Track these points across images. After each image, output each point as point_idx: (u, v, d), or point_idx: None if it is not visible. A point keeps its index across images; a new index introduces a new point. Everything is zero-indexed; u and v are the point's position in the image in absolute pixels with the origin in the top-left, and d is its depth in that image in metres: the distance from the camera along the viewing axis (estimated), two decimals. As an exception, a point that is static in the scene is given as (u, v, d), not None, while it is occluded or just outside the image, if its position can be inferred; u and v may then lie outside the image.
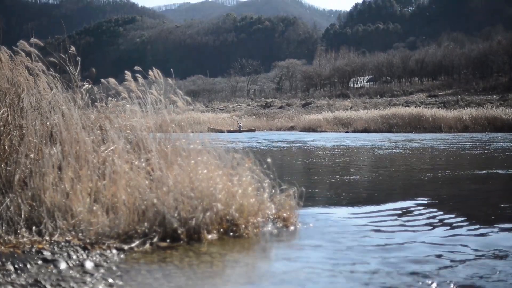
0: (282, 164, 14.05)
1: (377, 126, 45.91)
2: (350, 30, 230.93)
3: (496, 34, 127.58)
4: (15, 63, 5.47)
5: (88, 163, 4.64)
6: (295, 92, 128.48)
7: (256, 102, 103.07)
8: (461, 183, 9.24)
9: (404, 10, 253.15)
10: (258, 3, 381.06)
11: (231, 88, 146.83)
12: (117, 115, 5.79)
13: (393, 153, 17.83)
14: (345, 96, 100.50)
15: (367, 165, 14.12)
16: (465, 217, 5.86)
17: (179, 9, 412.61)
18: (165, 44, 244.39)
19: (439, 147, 20.49)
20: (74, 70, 5.62)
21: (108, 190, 4.48)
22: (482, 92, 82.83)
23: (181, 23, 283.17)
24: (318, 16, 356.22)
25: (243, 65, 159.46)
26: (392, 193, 7.98)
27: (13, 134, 4.96)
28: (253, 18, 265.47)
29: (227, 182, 4.70)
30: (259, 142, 27.03)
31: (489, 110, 45.72)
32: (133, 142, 5.37)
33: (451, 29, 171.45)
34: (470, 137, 30.98)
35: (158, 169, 4.69)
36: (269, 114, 73.27)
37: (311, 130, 50.81)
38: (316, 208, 6.43)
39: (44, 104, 5.26)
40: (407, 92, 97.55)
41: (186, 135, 5.37)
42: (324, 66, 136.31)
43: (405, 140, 27.93)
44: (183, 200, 4.39)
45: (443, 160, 14.81)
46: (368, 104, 74.35)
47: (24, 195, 4.39)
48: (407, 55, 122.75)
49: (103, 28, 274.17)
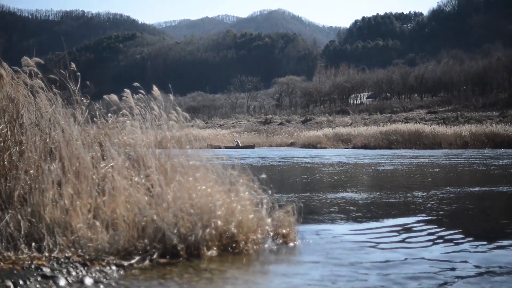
0: (281, 180, 14.05)
1: (377, 142, 45.90)
2: (350, 47, 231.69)
3: (495, 51, 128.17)
4: (16, 79, 5.48)
5: (88, 179, 4.64)
6: (295, 109, 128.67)
7: (256, 119, 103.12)
8: (461, 199, 9.23)
9: (404, 27, 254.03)
10: (258, 20, 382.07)
11: (231, 104, 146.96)
12: (117, 131, 5.79)
13: (393, 169, 17.82)
14: (345, 112, 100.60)
15: (367, 181, 14.12)
16: (465, 233, 5.86)
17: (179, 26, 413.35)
18: (165, 60, 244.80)
19: (439, 163, 20.48)
20: (74, 87, 5.63)
21: (107, 206, 4.48)
22: (481, 108, 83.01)
23: (181, 40, 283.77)
24: (318, 32, 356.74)
25: (243, 82, 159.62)
26: (392, 210, 7.97)
27: (12, 150, 4.96)
28: (253, 35, 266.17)
29: (226, 199, 4.70)
30: (260, 158, 27.03)
31: (489, 126, 45.74)
32: (132, 158, 5.37)
33: (450, 45, 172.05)
34: (470, 153, 30.99)
35: (158, 185, 4.69)
36: (269, 131, 73.23)
37: (311, 146, 50.80)
38: (316, 225, 6.42)
39: (44, 120, 5.27)
40: (406, 109, 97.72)
41: (185, 151, 5.37)
42: (324, 83, 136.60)
43: (404, 156, 27.93)
44: (183, 216, 4.39)
45: (443, 177, 14.81)
46: (368, 121, 74.46)
47: (23, 211, 4.39)
48: (406, 71, 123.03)
49: (104, 44, 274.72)
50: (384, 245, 5.25)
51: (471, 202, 8.91)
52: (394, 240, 5.55)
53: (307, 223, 6.23)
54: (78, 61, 6.25)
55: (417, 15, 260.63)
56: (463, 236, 5.71)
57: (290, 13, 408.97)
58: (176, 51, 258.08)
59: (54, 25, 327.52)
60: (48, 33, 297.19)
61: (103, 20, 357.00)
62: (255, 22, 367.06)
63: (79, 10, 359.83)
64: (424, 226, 6.40)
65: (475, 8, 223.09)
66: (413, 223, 6.64)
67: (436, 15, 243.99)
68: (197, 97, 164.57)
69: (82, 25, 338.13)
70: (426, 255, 4.80)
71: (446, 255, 4.83)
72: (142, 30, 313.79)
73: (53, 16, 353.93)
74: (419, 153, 31.92)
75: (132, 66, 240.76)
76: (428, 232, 5.97)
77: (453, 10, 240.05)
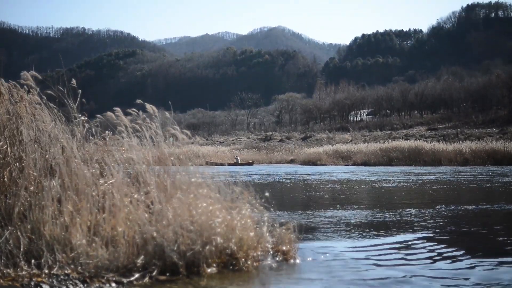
0: (282, 197, 14.04)
1: (377, 159, 45.90)
2: (350, 64, 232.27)
3: (495, 68, 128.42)
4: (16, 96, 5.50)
5: (88, 196, 4.64)
6: (295, 125, 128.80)
7: (256, 135, 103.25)
8: (461, 217, 9.22)
9: (403, 44, 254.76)
10: (258, 37, 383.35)
11: (231, 121, 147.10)
12: (116, 148, 5.79)
13: (393, 186, 17.81)
14: (345, 129, 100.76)
15: (367, 198, 14.10)
16: (465, 250, 5.84)
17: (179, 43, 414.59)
18: (165, 78, 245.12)
19: (439, 180, 20.47)
20: (73, 103, 5.64)
21: (107, 223, 4.48)
22: (481, 125, 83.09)
23: (181, 57, 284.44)
24: (318, 50, 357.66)
25: (243, 99, 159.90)
26: (392, 227, 7.95)
27: (12, 166, 4.96)
28: (253, 52, 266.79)
29: (227, 216, 4.70)
30: (260, 175, 27.02)
31: (489, 143, 45.71)
32: (132, 175, 5.37)
33: (450, 62, 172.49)
34: (470, 170, 30.96)
35: (158, 202, 4.69)
36: (269, 147, 73.30)
37: (311, 163, 50.80)
38: (316, 242, 6.41)
39: (44, 137, 5.28)
40: (406, 125, 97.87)
41: (186, 168, 5.37)
42: (323, 100, 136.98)
43: (405, 173, 27.91)
44: (183, 233, 4.38)
45: (443, 194, 14.79)
46: (368, 137, 74.55)
47: (23, 228, 4.39)
48: (406, 88, 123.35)
49: (104, 61, 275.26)
50: (384, 262, 5.23)
51: (471, 220, 8.90)
52: (394, 257, 5.53)
53: (307, 240, 6.23)
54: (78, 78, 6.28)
55: (416, 32, 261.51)
56: (464, 253, 5.70)
57: (290, 30, 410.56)
58: (176, 68, 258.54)
59: (54, 42, 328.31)
60: (48, 50, 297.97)
61: (103, 37, 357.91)
62: (255, 39, 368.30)
63: (79, 27, 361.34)
64: (424, 243, 6.38)
65: (474, 25, 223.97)
66: (413, 240, 6.63)
67: (435, 32, 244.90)
68: (197, 114, 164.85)
69: (82, 42, 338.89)
70: (426, 273, 4.79)
71: (446, 272, 4.81)
72: (143, 47, 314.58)
73: (53, 33, 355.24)
74: (419, 170, 31.89)
75: (132, 83, 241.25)
76: (428, 249, 5.96)
77: (452, 27, 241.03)
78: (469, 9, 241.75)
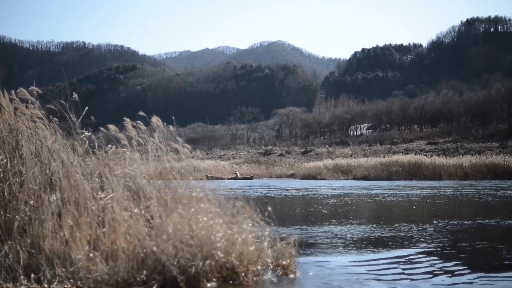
0: (282, 212, 14.01)
1: (377, 173, 45.80)
2: (350, 78, 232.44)
3: (494, 82, 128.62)
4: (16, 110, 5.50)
5: (88, 210, 4.63)
6: (294, 140, 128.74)
7: (256, 150, 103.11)
8: (461, 231, 9.21)
9: (403, 58, 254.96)
10: (258, 51, 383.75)
11: (231, 135, 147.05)
12: (116, 162, 5.79)
13: (393, 200, 17.80)
14: (345, 143, 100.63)
15: (367, 212, 14.09)
16: (466, 265, 5.83)
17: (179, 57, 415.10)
18: (165, 92, 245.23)
19: (440, 195, 20.45)
20: (74, 118, 5.64)
21: (107, 237, 4.47)
22: (481, 139, 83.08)
23: (182, 71, 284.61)
24: (318, 64, 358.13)
25: (243, 113, 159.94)
26: (392, 241, 7.94)
27: (12, 181, 4.96)
28: (253, 66, 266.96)
29: (227, 230, 4.69)
30: (261, 190, 26.99)
31: (489, 157, 45.65)
32: (132, 189, 5.36)
33: (449, 77, 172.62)
34: (470, 184, 30.93)
35: (158, 216, 4.68)
36: (269, 162, 73.12)
37: (311, 177, 50.69)
38: (316, 256, 6.40)
39: (44, 151, 5.28)
40: (406, 140, 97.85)
41: (186, 182, 5.37)
42: (323, 114, 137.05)
43: (405, 187, 27.88)
44: (183, 248, 4.38)
45: (443, 208, 14.78)
46: (368, 152, 74.44)
47: (23, 242, 4.38)
48: (406, 102, 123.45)
49: (104, 75, 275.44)
50: (385, 277, 5.22)
51: (471, 234, 8.89)
52: (394, 271, 5.52)
53: (307, 255, 6.21)
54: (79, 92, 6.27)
55: (416, 46, 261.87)
56: (464, 267, 5.69)
57: (290, 45, 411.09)
58: (176, 82, 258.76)
59: (55, 56, 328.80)
60: (49, 64, 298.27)
61: (103, 52, 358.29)
62: (255, 54, 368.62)
63: (80, 42, 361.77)
64: (424, 257, 6.37)
65: (474, 40, 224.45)
66: (413, 254, 6.62)
67: (435, 46, 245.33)
68: (197, 128, 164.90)
69: (83, 56, 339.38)
70: (426, 287, 4.77)
71: (446, 287, 4.80)
72: (143, 61, 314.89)
73: (54, 47, 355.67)
74: (419, 184, 31.85)
75: (132, 97, 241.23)
76: (429, 264, 5.95)
77: (452, 41, 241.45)
78: (468, 24, 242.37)
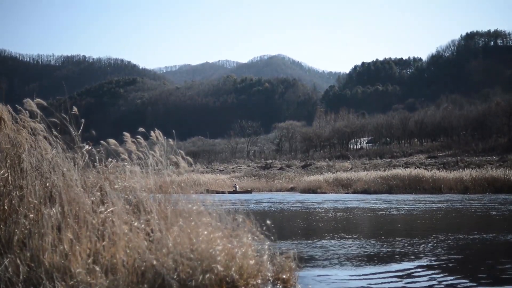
0: (283, 225, 14.00)
1: (377, 187, 45.76)
2: (350, 92, 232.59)
3: (494, 96, 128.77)
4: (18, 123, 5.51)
5: (88, 224, 4.63)
6: (295, 153, 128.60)
7: (256, 163, 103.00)
8: (461, 245, 9.20)
9: (403, 72, 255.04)
10: (258, 65, 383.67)
11: (231, 149, 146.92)
12: (117, 176, 5.79)
13: (393, 214, 17.77)
14: (345, 157, 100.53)
15: (367, 226, 14.07)
16: (466, 279, 5.82)
17: (179, 71, 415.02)
18: (165, 105, 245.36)
19: (440, 208, 20.42)
20: (75, 131, 5.64)
21: (107, 251, 4.46)
22: (481, 153, 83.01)
23: (182, 85, 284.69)
24: (318, 78, 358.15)
25: (243, 127, 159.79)
26: (393, 255, 7.92)
27: (13, 194, 4.96)
28: (253, 80, 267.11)
29: (227, 244, 4.69)
30: (258, 204, 26.96)
31: (489, 171, 45.60)
32: (132, 203, 5.36)
33: (449, 90, 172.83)
34: (470, 198, 30.88)
35: (158, 230, 4.68)
36: (269, 175, 73.01)
37: (311, 191, 50.61)
38: (317, 270, 6.39)
39: (45, 164, 5.28)
40: (406, 153, 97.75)
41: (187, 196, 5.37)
42: (323, 128, 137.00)
43: (405, 201, 27.85)
44: (183, 261, 4.37)
45: (443, 222, 14.76)
46: (368, 165, 74.35)
47: (23, 255, 4.37)
48: (406, 116, 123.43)
49: (104, 89, 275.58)
50: (385, 291, 5.21)
51: (471, 248, 8.87)
52: (395, 285, 5.51)
53: (308, 268, 6.20)
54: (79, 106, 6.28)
55: (416, 60, 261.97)
56: (464, 281, 5.68)
57: (290, 59, 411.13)
58: (176, 96, 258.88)
59: (55, 70, 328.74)
60: (49, 77, 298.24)
61: (104, 65, 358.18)
62: (255, 67, 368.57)
63: (80, 55, 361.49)
64: (424, 271, 6.36)
65: (473, 54, 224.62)
66: (414, 268, 6.61)
67: (435, 60, 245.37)
68: (197, 142, 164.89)
69: (83, 70, 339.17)
70: (427, 301, 4.77)
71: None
72: (143, 75, 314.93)
73: (54, 61, 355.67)
74: (420, 198, 31.80)
75: (132, 110, 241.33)
76: (429, 278, 5.93)
77: (452, 55, 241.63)
78: (468, 38, 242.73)
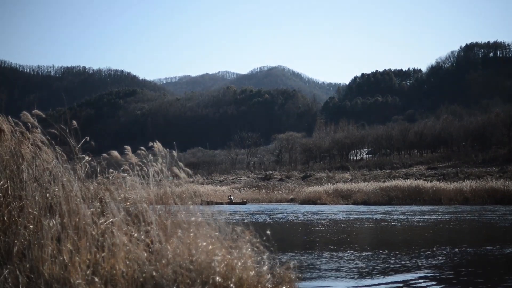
0: (282, 236, 13.98)
1: (377, 198, 45.73)
2: (349, 103, 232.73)
3: (494, 107, 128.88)
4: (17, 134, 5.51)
5: (87, 235, 4.62)
6: (294, 165, 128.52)
7: (256, 175, 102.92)
8: (461, 256, 9.19)
9: (403, 83, 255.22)
10: (258, 76, 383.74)
11: (231, 160, 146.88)
12: (117, 187, 5.79)
13: (393, 225, 17.76)
14: (345, 168, 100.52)
15: (368, 237, 14.05)
16: (466, 290, 5.82)
17: (179, 82, 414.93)
18: (165, 116, 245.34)
19: (440, 220, 20.40)
20: (75, 142, 5.64)
21: (107, 262, 4.46)
22: (481, 164, 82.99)
23: (182, 96, 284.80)
24: (318, 89, 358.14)
25: (243, 138, 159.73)
26: (393, 266, 7.91)
27: (12, 205, 4.95)
28: (253, 91, 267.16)
29: (226, 255, 4.68)
30: (259, 214, 26.93)
31: (489, 182, 45.58)
32: (132, 214, 5.35)
33: (449, 102, 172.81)
34: (470, 209, 30.85)
35: (157, 241, 4.67)
36: (268, 187, 72.99)
37: (311, 202, 50.56)
38: (317, 281, 6.38)
39: (45, 176, 5.28)
40: (406, 165, 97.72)
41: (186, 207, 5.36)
42: (323, 139, 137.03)
43: (405, 212, 27.81)
44: (182, 272, 4.36)
45: (443, 233, 14.74)
46: (368, 177, 74.30)
47: (22, 266, 4.36)
48: (406, 127, 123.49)
49: (104, 100, 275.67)
50: (385, 302, 5.21)
51: (471, 259, 8.86)
52: (395, 297, 5.51)
53: (308, 280, 6.19)
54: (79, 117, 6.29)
55: (416, 71, 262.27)
56: (465, 293, 5.68)
57: (289, 70, 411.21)
58: (176, 107, 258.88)
59: (55, 81, 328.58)
60: (49, 88, 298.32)
61: (104, 76, 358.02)
62: (255, 79, 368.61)
63: (80, 66, 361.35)
64: (425, 282, 6.35)
65: (473, 65, 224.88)
66: (414, 279, 6.60)
67: (435, 71, 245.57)
68: (197, 153, 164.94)
69: (83, 81, 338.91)
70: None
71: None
72: (143, 86, 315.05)
73: (54, 72, 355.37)
74: (420, 209, 31.78)
75: (132, 122, 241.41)
76: (429, 289, 5.93)
77: (451, 66, 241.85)
78: (468, 49, 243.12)
